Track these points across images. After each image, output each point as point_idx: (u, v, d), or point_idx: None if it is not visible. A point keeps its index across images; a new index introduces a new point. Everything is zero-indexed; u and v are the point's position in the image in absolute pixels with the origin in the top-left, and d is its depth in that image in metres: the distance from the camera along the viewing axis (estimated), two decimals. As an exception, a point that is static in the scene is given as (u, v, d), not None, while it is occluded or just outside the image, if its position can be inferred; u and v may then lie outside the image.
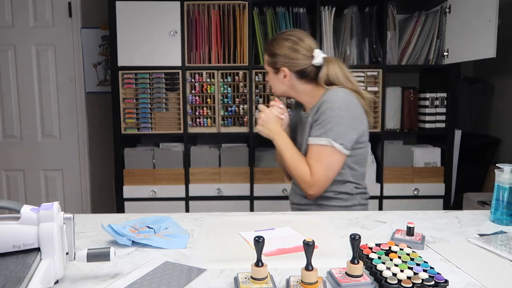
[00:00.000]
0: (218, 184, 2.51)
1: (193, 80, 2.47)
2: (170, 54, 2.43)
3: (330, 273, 0.81)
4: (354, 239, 0.76)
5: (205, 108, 2.49)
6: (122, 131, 2.48)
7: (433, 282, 0.75)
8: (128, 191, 2.50)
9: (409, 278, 0.76)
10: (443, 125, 2.51)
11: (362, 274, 0.78)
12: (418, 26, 2.48)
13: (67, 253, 0.80)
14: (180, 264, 0.89)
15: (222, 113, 2.48)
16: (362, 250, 0.89)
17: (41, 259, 0.75)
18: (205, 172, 2.51)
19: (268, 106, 1.54)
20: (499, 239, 1.01)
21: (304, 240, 0.75)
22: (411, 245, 0.95)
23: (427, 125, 2.51)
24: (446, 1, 2.36)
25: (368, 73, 2.45)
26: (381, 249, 0.90)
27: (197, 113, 2.49)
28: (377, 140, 2.54)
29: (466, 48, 2.14)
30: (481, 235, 1.05)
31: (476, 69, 2.90)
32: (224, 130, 2.49)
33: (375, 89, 2.47)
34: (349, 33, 2.46)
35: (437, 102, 2.49)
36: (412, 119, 2.56)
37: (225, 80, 2.47)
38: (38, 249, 0.76)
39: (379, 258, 0.85)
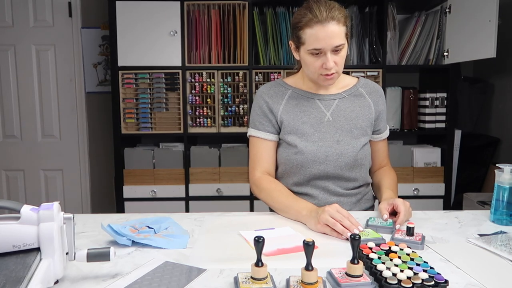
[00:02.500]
0: (218, 184, 2.51)
1: (193, 80, 2.47)
2: (170, 54, 2.43)
3: (330, 273, 0.81)
4: (354, 239, 0.76)
5: (205, 108, 2.49)
6: (122, 131, 2.48)
7: (433, 282, 0.75)
8: (128, 191, 2.50)
9: (409, 278, 0.76)
10: (443, 125, 2.51)
11: (362, 274, 0.78)
12: (418, 26, 2.48)
13: (67, 253, 0.80)
14: (180, 264, 0.89)
15: (222, 113, 2.49)
16: (362, 250, 0.89)
17: (41, 259, 0.75)
18: (205, 172, 2.51)
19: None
20: (499, 239, 1.01)
21: (304, 240, 0.75)
22: (411, 245, 0.95)
23: (427, 125, 2.51)
24: (446, 1, 2.35)
25: (368, 73, 2.45)
26: (381, 249, 0.90)
27: (197, 113, 2.49)
28: (377, 140, 2.53)
29: (466, 48, 2.14)
30: (481, 235, 1.05)
31: (476, 69, 2.90)
32: (224, 130, 2.49)
33: (375, 89, 2.47)
34: (349, 33, 2.45)
35: (437, 102, 2.49)
36: (412, 119, 2.57)
37: (225, 80, 2.47)
38: (38, 249, 0.76)
39: (379, 258, 0.85)
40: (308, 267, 0.75)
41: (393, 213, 1.16)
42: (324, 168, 1.31)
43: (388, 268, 0.79)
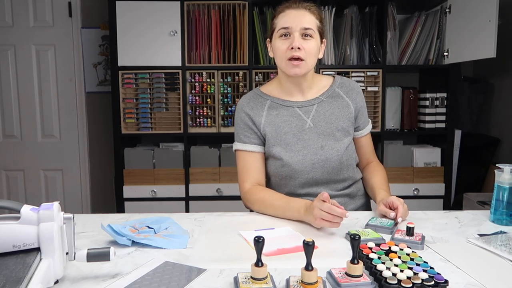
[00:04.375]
0: (218, 184, 2.51)
1: (193, 80, 2.47)
2: (170, 54, 2.43)
3: (330, 273, 0.81)
4: (354, 239, 0.76)
5: (205, 108, 2.49)
6: (122, 131, 2.48)
7: (433, 282, 0.75)
8: (128, 191, 2.50)
9: (409, 278, 0.76)
10: (443, 125, 2.51)
11: (362, 274, 0.78)
12: (418, 26, 2.48)
13: (67, 253, 0.80)
14: (180, 264, 0.89)
15: (222, 113, 2.49)
16: (362, 250, 0.89)
17: (41, 259, 0.75)
18: (205, 172, 2.51)
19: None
20: (499, 239, 1.01)
21: (304, 240, 0.75)
22: (411, 245, 0.95)
23: (427, 125, 2.51)
24: (446, 1, 2.36)
25: (368, 73, 2.45)
26: (381, 249, 0.90)
27: (197, 113, 2.49)
28: (377, 140, 2.54)
29: (466, 48, 2.14)
30: (481, 235, 1.05)
31: (476, 69, 2.90)
32: (224, 130, 2.49)
33: (375, 89, 2.47)
34: (349, 33, 2.46)
35: (437, 102, 2.49)
36: (412, 119, 2.56)
37: (225, 80, 2.47)
38: (38, 249, 0.76)
39: (379, 258, 0.85)
40: (308, 267, 0.75)
41: None
42: (312, 175, 1.32)
43: (388, 268, 0.79)
